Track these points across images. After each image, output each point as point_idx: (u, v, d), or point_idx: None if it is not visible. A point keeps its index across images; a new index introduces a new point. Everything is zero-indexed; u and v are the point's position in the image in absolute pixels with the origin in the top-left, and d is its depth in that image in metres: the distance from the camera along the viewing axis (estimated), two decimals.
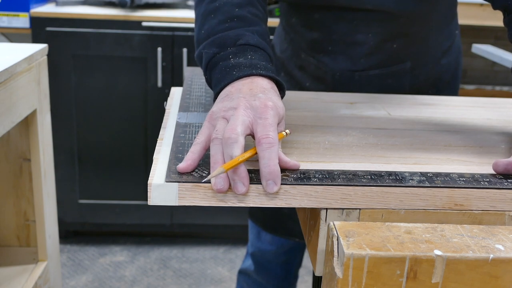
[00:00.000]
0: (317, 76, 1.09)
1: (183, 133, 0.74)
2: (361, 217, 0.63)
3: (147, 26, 1.97)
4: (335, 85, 1.08)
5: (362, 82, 1.07)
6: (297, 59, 1.11)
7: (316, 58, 1.07)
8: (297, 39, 1.10)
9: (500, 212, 0.64)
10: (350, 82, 1.07)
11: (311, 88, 1.11)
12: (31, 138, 1.18)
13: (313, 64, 1.08)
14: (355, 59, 1.05)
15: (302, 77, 1.11)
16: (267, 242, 1.31)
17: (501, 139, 0.82)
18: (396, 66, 1.07)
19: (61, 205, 2.07)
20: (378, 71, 1.06)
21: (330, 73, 1.07)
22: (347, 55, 1.05)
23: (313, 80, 1.10)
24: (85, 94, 2.04)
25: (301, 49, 1.10)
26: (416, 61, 1.08)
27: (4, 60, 1.05)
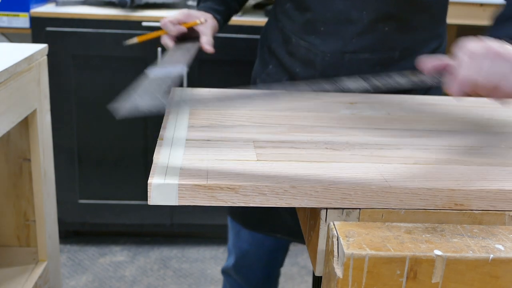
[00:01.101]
0: (307, 60, 1.10)
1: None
2: (361, 217, 0.63)
3: (147, 26, 1.97)
4: (325, 68, 1.08)
5: (351, 66, 1.07)
6: (288, 45, 1.13)
7: (307, 41, 1.09)
8: (288, 25, 1.12)
9: (500, 212, 0.64)
10: (340, 66, 1.08)
11: (301, 73, 1.11)
12: (31, 138, 1.18)
13: (303, 48, 1.10)
14: (346, 39, 1.06)
15: (292, 63, 1.13)
16: (247, 242, 1.31)
17: (501, 139, 0.82)
18: (385, 52, 1.07)
19: (61, 205, 2.07)
20: (368, 55, 1.07)
21: (320, 55, 1.08)
22: (338, 35, 1.06)
23: (303, 65, 1.11)
24: (85, 94, 2.04)
25: (292, 33, 1.11)
26: (404, 52, 1.09)
27: (4, 60, 1.04)
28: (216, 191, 0.61)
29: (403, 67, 1.09)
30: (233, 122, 0.83)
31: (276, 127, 0.82)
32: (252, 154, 0.70)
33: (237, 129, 0.80)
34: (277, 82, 1.15)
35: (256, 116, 0.87)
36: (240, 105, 0.93)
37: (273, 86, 1.16)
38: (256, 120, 0.85)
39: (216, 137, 0.76)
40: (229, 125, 0.82)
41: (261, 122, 0.84)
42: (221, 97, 0.93)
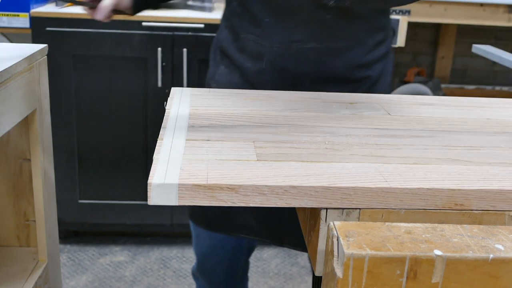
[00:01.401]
0: (256, 53, 1.11)
1: None
2: (361, 217, 0.63)
3: (147, 26, 1.97)
4: (274, 59, 1.09)
5: (298, 56, 1.08)
6: (237, 41, 1.14)
7: (255, 34, 1.10)
8: (237, 22, 1.14)
9: (500, 212, 0.64)
10: (287, 56, 1.09)
11: (252, 68, 1.13)
12: (31, 138, 1.18)
13: (252, 41, 1.11)
14: (291, 29, 1.07)
15: (242, 59, 1.14)
16: (208, 243, 1.31)
17: (501, 139, 0.82)
18: (331, 42, 1.08)
19: (61, 205, 2.07)
20: (314, 44, 1.08)
21: (268, 46, 1.09)
22: (283, 25, 1.08)
23: (252, 59, 1.12)
24: (85, 94, 2.04)
25: (241, 29, 1.13)
26: (349, 42, 1.10)
27: (4, 60, 1.04)
28: (216, 191, 0.61)
29: (350, 58, 1.10)
30: (233, 122, 0.83)
31: (276, 127, 0.82)
32: (252, 154, 0.70)
33: (237, 129, 0.80)
34: (230, 81, 1.17)
35: (256, 116, 0.87)
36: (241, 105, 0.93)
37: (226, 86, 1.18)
38: (256, 120, 0.85)
39: (216, 137, 0.76)
40: (229, 125, 0.82)
41: (261, 122, 0.84)
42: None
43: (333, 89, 1.10)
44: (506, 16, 2.13)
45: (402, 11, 2.11)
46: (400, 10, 2.11)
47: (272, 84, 1.11)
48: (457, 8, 2.11)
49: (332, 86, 1.11)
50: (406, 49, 2.67)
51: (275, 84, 1.11)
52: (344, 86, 1.11)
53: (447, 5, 2.11)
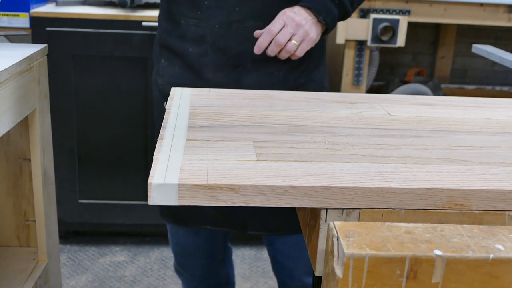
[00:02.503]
0: (198, 37, 1.14)
1: None
2: (361, 217, 0.63)
3: (147, 26, 1.97)
4: (215, 40, 1.12)
5: (240, 35, 1.12)
6: (178, 29, 1.16)
7: (195, 18, 1.13)
8: (175, 9, 1.16)
9: (500, 212, 0.64)
10: (230, 36, 1.12)
11: (194, 52, 1.15)
12: (31, 138, 1.18)
13: (193, 25, 1.14)
14: (229, 9, 1.11)
15: (184, 45, 1.16)
16: (183, 236, 1.35)
17: (501, 139, 0.82)
18: (269, 20, 1.10)
19: (61, 205, 2.07)
20: (252, 22, 1.11)
21: (209, 28, 1.12)
22: (222, 6, 1.11)
23: (194, 43, 1.15)
24: (85, 94, 2.04)
25: (181, 15, 1.15)
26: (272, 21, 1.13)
27: (4, 60, 1.04)
28: (216, 191, 0.61)
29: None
30: (233, 122, 0.83)
31: (276, 127, 0.82)
32: (252, 154, 0.70)
33: (237, 129, 0.80)
34: (171, 74, 1.19)
35: (256, 116, 0.87)
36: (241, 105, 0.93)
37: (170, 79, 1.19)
38: (256, 120, 0.85)
39: (216, 137, 0.76)
40: (229, 125, 0.82)
41: (261, 122, 0.84)
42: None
43: (272, 68, 1.14)
44: (506, 16, 2.13)
45: (402, 11, 2.11)
46: (400, 10, 2.11)
47: (215, 65, 1.14)
48: (457, 8, 2.11)
49: (271, 66, 1.14)
50: (406, 49, 2.67)
51: (218, 65, 1.14)
52: (282, 64, 1.15)
53: (447, 5, 2.11)
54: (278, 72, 1.16)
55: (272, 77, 1.15)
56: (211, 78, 1.15)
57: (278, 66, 1.15)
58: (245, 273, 2.12)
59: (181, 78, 1.17)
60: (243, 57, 1.13)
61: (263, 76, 1.15)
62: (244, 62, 1.14)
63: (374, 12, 2.07)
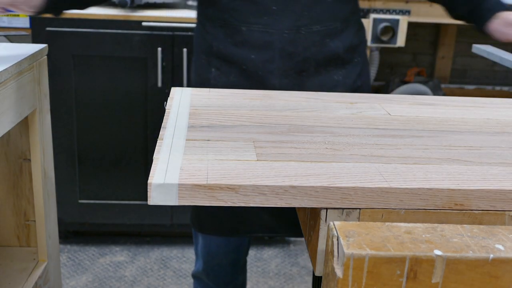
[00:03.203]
0: (263, 43, 1.13)
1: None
2: (361, 217, 0.63)
3: (147, 26, 1.97)
4: (284, 46, 1.12)
5: (306, 40, 1.12)
6: (236, 36, 1.15)
7: (261, 24, 1.12)
8: (235, 16, 1.14)
9: (500, 212, 0.64)
10: (298, 41, 1.12)
11: (257, 60, 1.13)
12: (31, 138, 1.18)
13: (257, 32, 1.12)
14: (298, 14, 1.11)
15: (244, 53, 1.14)
16: (215, 245, 1.32)
17: (501, 139, 0.82)
18: (331, 23, 1.13)
19: (61, 205, 2.07)
20: (319, 27, 1.12)
21: (277, 33, 1.11)
22: (290, 11, 1.11)
23: (259, 50, 1.13)
24: (85, 94, 2.04)
25: (241, 22, 1.13)
26: (343, 23, 1.16)
27: (4, 60, 1.04)
28: (216, 191, 0.61)
29: (344, 39, 1.16)
30: (233, 122, 0.83)
31: (276, 127, 0.82)
32: (252, 154, 0.70)
33: (237, 129, 0.80)
34: (226, 82, 1.17)
35: (256, 116, 0.87)
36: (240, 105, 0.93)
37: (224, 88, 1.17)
38: (256, 120, 0.85)
39: (216, 137, 0.76)
40: (229, 125, 0.82)
41: (261, 122, 0.84)
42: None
43: (332, 72, 1.15)
44: None
45: (402, 11, 2.11)
46: (400, 10, 2.11)
47: (281, 71, 1.13)
48: None
49: (331, 69, 1.16)
50: (406, 49, 2.67)
51: (284, 71, 1.13)
52: (341, 68, 1.16)
53: None
54: (337, 77, 1.17)
55: (332, 81, 1.17)
56: (276, 85, 1.14)
57: (337, 71, 1.17)
58: None
59: (237, 87, 1.15)
60: (308, 62, 1.14)
61: (323, 80, 1.16)
62: (308, 67, 1.14)
63: (374, 12, 2.07)
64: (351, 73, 1.19)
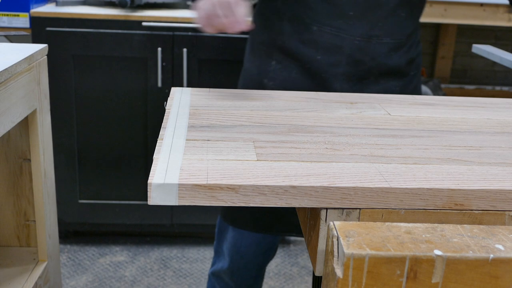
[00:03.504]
0: (333, 46, 1.12)
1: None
2: (361, 217, 0.63)
3: (147, 26, 1.97)
4: (353, 52, 1.12)
5: (375, 50, 1.12)
6: (305, 34, 1.13)
7: (334, 26, 1.11)
8: (306, 14, 1.12)
9: (500, 212, 0.64)
10: (366, 49, 1.12)
11: (323, 61, 1.13)
12: (31, 138, 1.18)
13: (328, 34, 1.11)
14: (373, 23, 1.10)
15: (310, 53, 1.13)
16: (247, 244, 1.31)
17: (501, 139, 0.82)
18: (399, 37, 1.14)
19: (61, 205, 2.07)
20: (388, 39, 1.13)
21: (348, 39, 1.11)
22: (366, 19, 1.10)
23: (326, 53, 1.12)
24: (85, 94, 2.04)
25: (314, 21, 1.11)
26: (408, 38, 1.16)
27: (4, 60, 1.04)
28: (216, 191, 0.61)
29: (407, 52, 1.17)
30: (233, 122, 0.83)
31: (276, 127, 0.82)
32: (252, 154, 0.70)
33: (237, 129, 0.80)
34: (286, 77, 1.15)
35: (256, 116, 0.87)
36: (241, 105, 0.93)
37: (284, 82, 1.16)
38: (256, 120, 0.85)
39: (216, 137, 0.76)
40: (229, 125, 0.82)
41: (261, 122, 0.84)
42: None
43: (390, 83, 1.16)
44: (506, 16, 2.13)
45: None
46: None
47: (345, 76, 1.13)
48: (457, 8, 2.11)
49: (390, 80, 1.17)
50: None
51: (348, 76, 1.13)
52: (399, 80, 1.17)
53: (447, 5, 2.11)
54: (395, 88, 1.18)
55: (390, 92, 1.17)
56: (337, 88, 1.14)
57: (395, 82, 1.17)
58: None
59: (297, 83, 1.15)
60: (371, 71, 1.14)
61: (382, 90, 1.16)
62: (370, 75, 1.15)
63: None
64: (407, 85, 1.20)
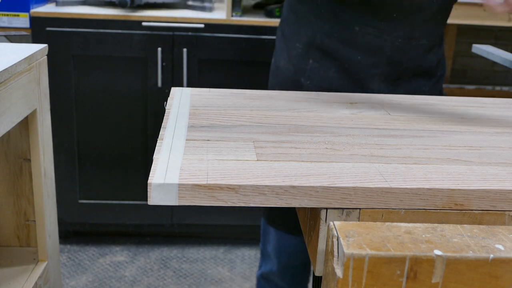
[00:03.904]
0: (374, 47, 1.13)
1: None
2: (361, 217, 0.63)
3: (147, 26, 1.97)
4: (393, 54, 1.13)
5: (413, 51, 1.14)
6: (345, 34, 1.13)
7: (376, 27, 1.11)
8: (346, 13, 1.12)
9: (500, 212, 0.64)
10: (406, 51, 1.13)
11: (363, 62, 1.14)
12: (31, 138, 1.18)
13: (370, 35, 1.12)
14: (414, 26, 1.12)
15: (350, 53, 1.14)
16: (293, 245, 1.32)
17: (501, 139, 0.82)
18: (432, 39, 1.16)
19: (61, 205, 2.07)
20: (425, 41, 1.14)
21: (390, 40, 1.12)
22: (408, 21, 1.11)
23: (366, 53, 1.13)
24: (85, 94, 2.04)
25: (355, 22, 1.12)
26: (435, 40, 1.18)
27: (4, 60, 1.04)
28: (216, 191, 0.61)
29: (437, 53, 1.19)
30: (233, 122, 0.83)
31: (276, 127, 0.82)
32: (252, 154, 0.70)
33: (237, 129, 0.80)
34: (324, 76, 1.15)
35: (256, 116, 0.87)
36: (241, 105, 0.93)
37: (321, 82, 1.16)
38: (256, 120, 0.85)
39: (216, 137, 0.76)
40: (229, 125, 0.82)
41: (261, 122, 0.84)
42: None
43: (421, 83, 1.18)
44: (506, 16, 2.13)
45: None
46: None
47: (382, 77, 1.15)
48: (457, 8, 2.11)
49: (420, 80, 1.18)
50: None
51: (385, 76, 1.15)
52: (428, 80, 1.19)
53: None
54: (424, 88, 1.19)
55: (420, 92, 1.18)
56: (374, 89, 1.15)
57: (425, 82, 1.19)
58: (245, 273, 2.12)
59: (334, 83, 1.15)
60: (406, 72, 1.16)
61: (413, 90, 1.18)
62: (404, 75, 1.16)
63: None
64: (436, 85, 1.21)
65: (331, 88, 1.14)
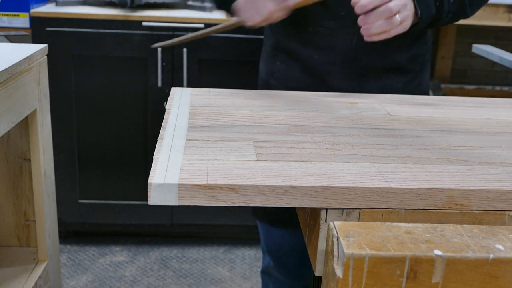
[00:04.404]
0: (328, 46, 1.14)
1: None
2: (361, 217, 0.63)
3: (147, 26, 1.97)
4: (347, 51, 1.13)
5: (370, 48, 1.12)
6: (302, 35, 1.16)
7: (327, 26, 1.13)
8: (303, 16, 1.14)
9: (500, 212, 0.64)
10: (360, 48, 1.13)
11: (319, 60, 1.15)
12: (31, 138, 1.18)
13: (323, 34, 1.14)
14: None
15: (308, 52, 1.16)
16: (279, 236, 1.33)
17: (501, 139, 0.82)
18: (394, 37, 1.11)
19: (61, 205, 2.07)
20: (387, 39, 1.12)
21: (342, 38, 1.13)
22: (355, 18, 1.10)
23: (322, 52, 1.15)
24: (85, 94, 2.04)
25: (310, 23, 1.14)
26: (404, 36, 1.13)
27: (4, 60, 1.04)
28: (216, 191, 0.61)
29: (408, 50, 1.17)
30: (233, 122, 0.83)
31: (276, 127, 0.82)
32: (252, 154, 0.70)
33: (237, 129, 0.80)
34: (289, 76, 1.19)
35: (256, 116, 0.87)
36: (241, 105, 0.93)
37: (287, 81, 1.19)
38: (256, 120, 0.85)
39: (216, 137, 0.76)
40: (229, 125, 0.82)
41: (261, 122, 0.84)
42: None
43: (392, 80, 1.17)
44: (506, 16, 2.13)
45: None
46: None
47: (340, 73, 1.15)
48: None
49: (391, 76, 1.17)
50: None
51: (343, 73, 1.15)
52: (402, 76, 1.18)
53: None
54: (397, 84, 1.19)
55: (392, 88, 1.18)
56: (334, 85, 1.16)
57: (397, 78, 1.18)
58: (245, 273, 2.12)
59: (300, 82, 1.18)
60: (368, 68, 1.16)
61: (383, 86, 1.17)
62: (368, 72, 1.16)
63: None
64: (411, 82, 1.20)
65: (296, 87, 1.17)
